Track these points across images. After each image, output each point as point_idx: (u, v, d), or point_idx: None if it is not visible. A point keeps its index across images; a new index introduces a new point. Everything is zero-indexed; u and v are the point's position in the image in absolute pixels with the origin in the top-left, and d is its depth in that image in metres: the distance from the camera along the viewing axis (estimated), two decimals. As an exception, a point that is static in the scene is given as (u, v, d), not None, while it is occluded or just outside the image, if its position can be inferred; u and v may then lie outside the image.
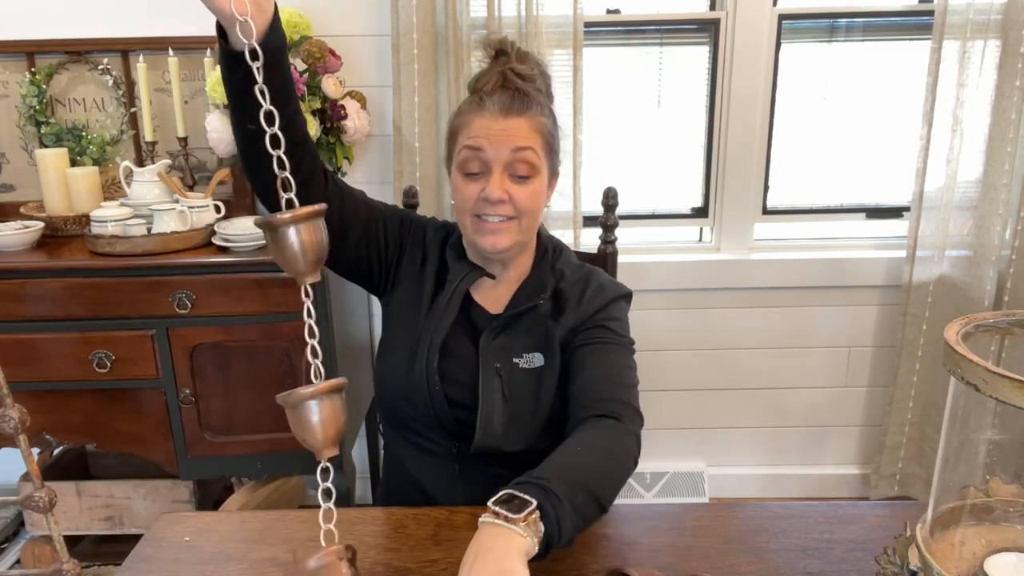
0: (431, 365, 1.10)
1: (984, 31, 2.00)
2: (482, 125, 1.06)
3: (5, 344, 1.75)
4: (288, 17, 1.91)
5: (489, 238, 1.08)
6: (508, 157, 1.06)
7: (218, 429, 1.86)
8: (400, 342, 1.14)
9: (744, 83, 2.17)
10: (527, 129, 1.07)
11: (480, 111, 1.07)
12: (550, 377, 1.11)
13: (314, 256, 0.69)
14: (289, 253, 0.67)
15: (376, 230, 1.14)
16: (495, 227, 1.07)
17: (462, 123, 1.09)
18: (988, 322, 0.68)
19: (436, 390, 1.10)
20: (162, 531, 1.02)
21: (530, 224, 1.11)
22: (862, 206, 2.35)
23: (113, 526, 1.98)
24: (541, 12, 2.00)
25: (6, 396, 0.58)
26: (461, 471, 1.14)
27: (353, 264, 1.14)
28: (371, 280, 1.18)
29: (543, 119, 1.10)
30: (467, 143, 1.07)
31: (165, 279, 1.75)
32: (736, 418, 2.44)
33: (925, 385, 2.26)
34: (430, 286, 1.15)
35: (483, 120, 1.07)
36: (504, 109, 1.06)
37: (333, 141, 1.97)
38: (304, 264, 0.68)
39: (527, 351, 1.11)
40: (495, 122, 1.06)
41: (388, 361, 1.16)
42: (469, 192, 1.08)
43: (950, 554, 0.68)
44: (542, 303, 1.13)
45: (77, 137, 2.09)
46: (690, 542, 0.97)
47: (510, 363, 1.10)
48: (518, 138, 1.06)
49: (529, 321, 1.13)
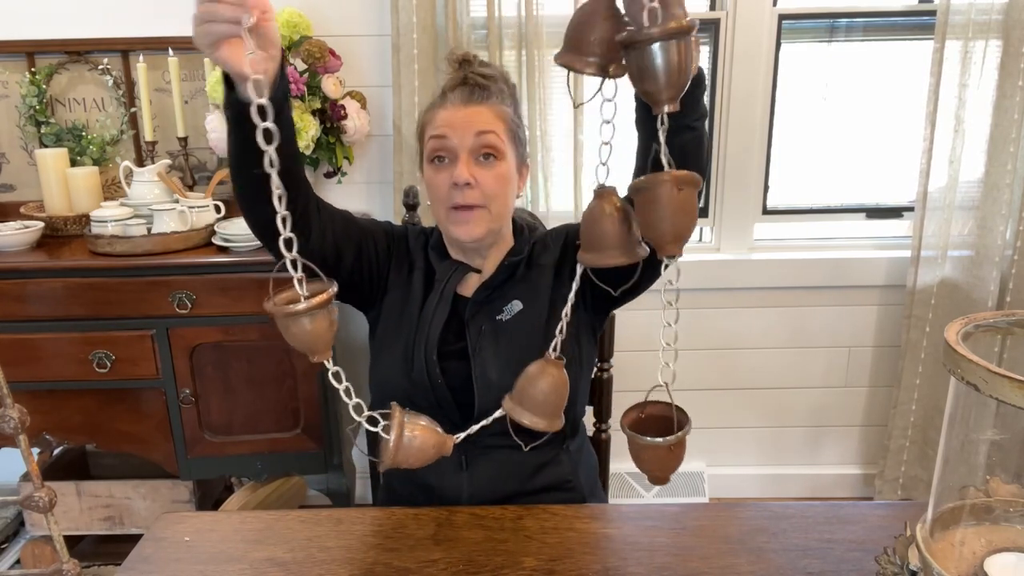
0: (431, 359, 1.12)
1: (985, 31, 2.00)
2: (445, 116, 1.11)
3: (5, 344, 1.75)
4: (288, 17, 1.91)
5: (463, 228, 1.10)
6: (472, 141, 1.09)
7: (218, 429, 1.86)
8: (394, 344, 1.16)
9: (744, 83, 2.17)
10: (489, 115, 1.11)
11: (443, 104, 1.12)
12: (532, 317, 1.14)
13: (327, 338, 0.71)
14: (301, 339, 0.71)
15: (367, 247, 1.16)
16: (467, 216, 1.10)
17: (427, 119, 1.14)
18: (988, 322, 0.68)
19: (439, 384, 1.11)
20: (162, 531, 1.02)
21: (500, 210, 1.13)
22: (862, 206, 2.35)
23: (113, 526, 1.98)
24: (541, 12, 2.00)
25: (6, 396, 0.58)
26: (468, 463, 1.14)
27: (348, 284, 1.15)
28: (362, 295, 1.19)
29: (504, 107, 1.13)
30: (432, 133, 1.11)
31: (165, 279, 1.75)
32: (736, 418, 2.44)
33: (928, 388, 2.26)
34: (419, 289, 1.18)
35: (446, 111, 1.11)
36: (465, 99, 1.11)
37: (333, 141, 1.97)
38: (321, 344, 0.71)
39: (506, 303, 1.15)
40: (457, 111, 1.10)
41: (384, 363, 1.17)
42: (440, 181, 1.10)
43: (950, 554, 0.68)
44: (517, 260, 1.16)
45: (77, 137, 2.09)
46: (690, 542, 0.97)
47: (492, 320, 1.14)
48: (480, 123, 1.09)
49: (509, 283, 1.16)
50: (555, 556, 0.94)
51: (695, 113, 0.93)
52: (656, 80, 0.66)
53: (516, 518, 1.01)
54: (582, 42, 0.73)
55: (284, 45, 1.92)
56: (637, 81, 0.67)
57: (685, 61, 0.66)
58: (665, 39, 0.64)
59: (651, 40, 0.64)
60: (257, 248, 1.79)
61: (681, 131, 0.92)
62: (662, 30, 0.64)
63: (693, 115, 0.93)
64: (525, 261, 1.18)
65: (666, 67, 0.65)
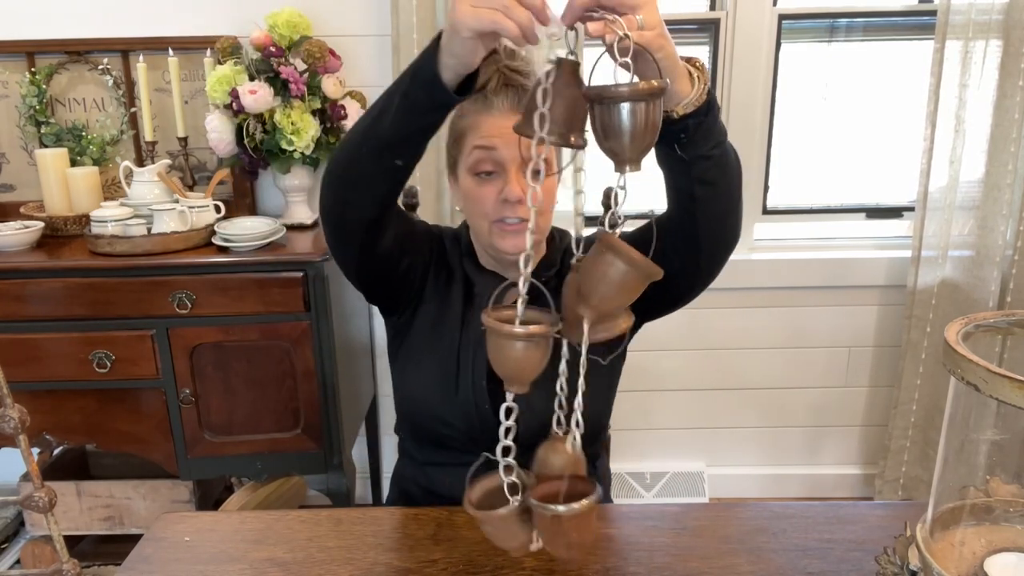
0: (479, 384, 1.07)
1: (986, 31, 2.00)
2: (493, 124, 1.03)
3: (5, 344, 1.75)
4: (288, 17, 1.91)
5: (510, 240, 1.05)
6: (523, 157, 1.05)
7: (218, 429, 1.86)
8: (429, 360, 1.11)
9: (744, 83, 2.17)
10: None
11: (488, 110, 1.04)
12: None
13: (533, 372, 0.67)
14: (507, 363, 0.66)
15: (418, 249, 1.11)
16: (516, 228, 1.04)
17: (469, 125, 1.06)
18: (988, 322, 0.68)
19: (485, 408, 1.07)
20: (162, 531, 1.02)
21: (546, 224, 1.10)
22: (862, 206, 2.35)
23: (113, 526, 1.98)
24: (541, 12, 2.00)
25: (6, 396, 0.58)
26: None
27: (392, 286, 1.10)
28: (398, 299, 1.13)
29: None
30: (478, 143, 1.04)
31: (165, 279, 1.75)
32: (736, 418, 2.44)
33: (929, 388, 2.25)
34: (458, 302, 1.12)
35: (493, 119, 1.04)
36: (513, 105, 1.04)
37: (333, 141, 1.97)
38: (525, 376, 0.67)
39: None
40: (505, 119, 1.02)
41: (416, 380, 1.12)
42: (485, 194, 1.04)
43: (950, 554, 0.68)
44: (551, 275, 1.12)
45: (77, 137, 2.09)
46: (690, 542, 0.97)
47: None
48: None
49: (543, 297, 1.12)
50: (555, 556, 0.94)
51: (708, 143, 0.88)
52: (620, 139, 0.64)
53: (516, 518, 1.01)
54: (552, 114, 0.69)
55: (284, 45, 1.92)
56: (601, 138, 0.66)
57: (653, 122, 0.64)
58: (634, 100, 0.63)
59: (620, 98, 0.63)
60: (257, 248, 1.79)
61: (697, 163, 0.89)
62: (632, 89, 0.63)
63: (706, 145, 0.88)
64: (557, 273, 1.13)
65: (632, 128, 0.63)
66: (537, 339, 0.68)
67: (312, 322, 1.77)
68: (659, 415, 2.40)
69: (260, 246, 1.79)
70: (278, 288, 1.75)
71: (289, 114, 1.87)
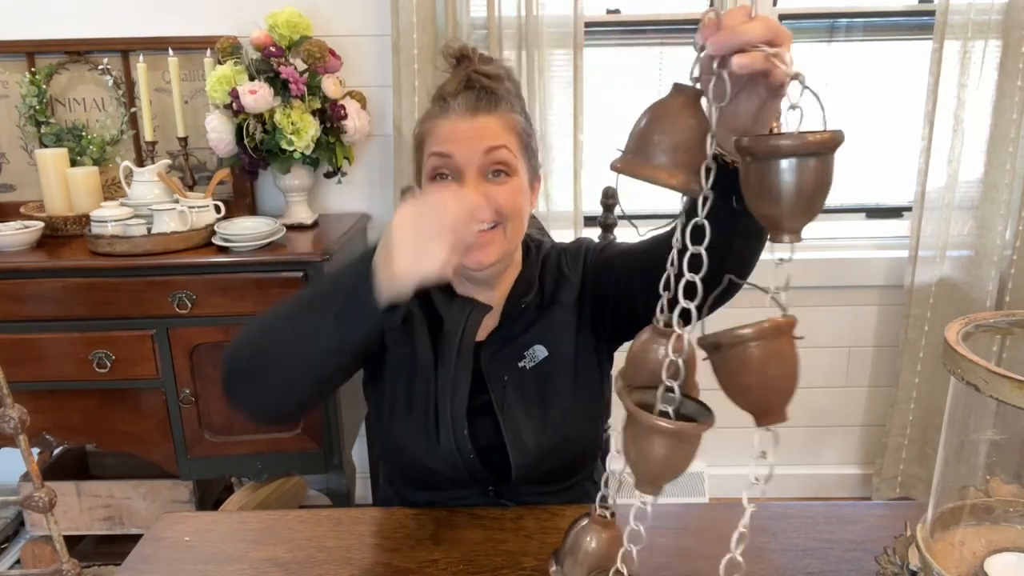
0: (460, 434, 1.01)
1: (985, 31, 2.00)
2: (449, 128, 0.96)
3: (5, 344, 1.75)
4: (288, 17, 1.91)
5: (473, 254, 0.95)
6: (481, 160, 0.96)
7: (218, 429, 1.86)
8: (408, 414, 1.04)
9: (744, 83, 2.17)
10: (498, 127, 0.97)
11: (445, 114, 0.97)
12: (559, 366, 1.03)
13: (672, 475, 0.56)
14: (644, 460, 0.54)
15: None
16: (479, 240, 0.95)
17: (427, 130, 0.99)
18: (988, 322, 0.68)
19: (471, 458, 1.02)
20: (162, 531, 1.02)
21: (515, 230, 1.00)
22: (861, 206, 2.35)
23: (113, 526, 1.98)
24: (541, 12, 2.00)
25: (6, 396, 0.58)
26: None
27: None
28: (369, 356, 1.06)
29: (515, 116, 1.00)
30: (434, 150, 0.97)
31: (165, 279, 1.75)
32: (736, 418, 2.42)
33: (927, 386, 2.26)
34: (425, 338, 1.04)
35: (449, 123, 0.97)
36: (471, 108, 0.96)
37: (333, 141, 1.97)
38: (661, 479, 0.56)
39: (527, 347, 1.04)
40: (462, 122, 0.96)
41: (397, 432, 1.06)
42: None
43: (950, 554, 0.68)
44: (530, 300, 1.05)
45: (77, 137, 2.09)
46: (690, 542, 0.97)
47: (515, 369, 1.03)
48: (489, 137, 0.96)
49: (525, 319, 1.05)
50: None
51: None
52: (778, 204, 0.51)
53: (516, 518, 1.01)
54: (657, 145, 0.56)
55: (284, 45, 1.92)
56: (753, 200, 0.53)
57: (826, 182, 0.51)
58: (802, 155, 0.50)
59: (781, 153, 0.50)
60: (257, 248, 1.79)
61: (751, 235, 0.79)
62: (801, 142, 0.50)
63: None
64: (540, 295, 1.05)
65: (799, 189, 0.50)
66: (692, 438, 0.58)
67: (312, 322, 1.76)
68: (659, 415, 2.40)
69: (260, 246, 1.79)
70: (278, 288, 1.75)
71: (289, 114, 1.87)
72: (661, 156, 0.56)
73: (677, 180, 0.56)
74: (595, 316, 1.06)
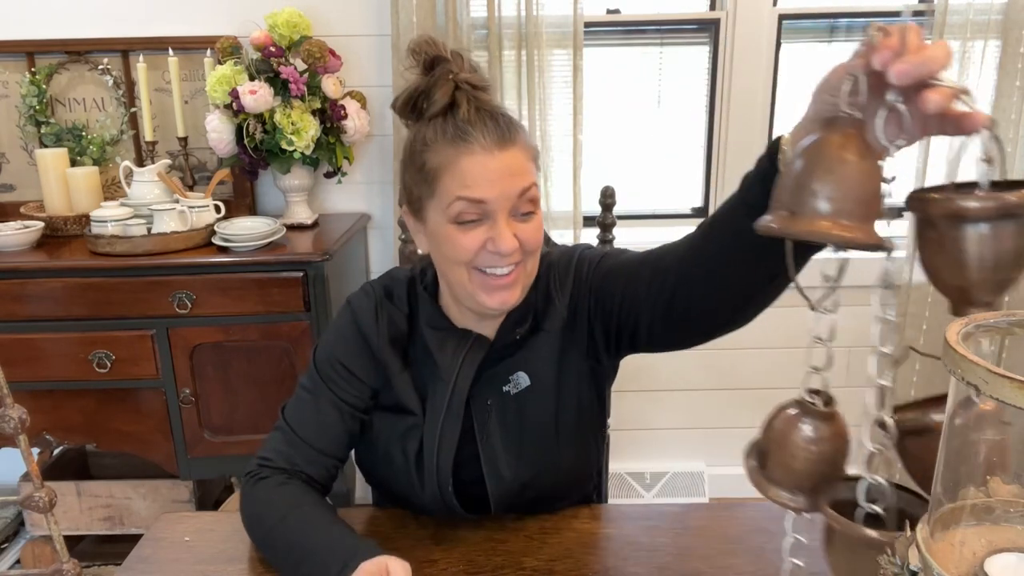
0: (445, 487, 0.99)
1: (984, 31, 2.00)
2: (477, 167, 0.87)
3: (5, 344, 1.75)
4: (288, 17, 1.91)
5: (498, 295, 0.91)
6: (514, 202, 0.89)
7: (218, 429, 1.86)
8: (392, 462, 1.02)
9: (744, 83, 2.17)
10: (523, 160, 0.91)
11: (467, 146, 0.87)
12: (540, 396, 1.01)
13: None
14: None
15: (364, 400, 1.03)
16: (503, 282, 0.91)
17: (443, 164, 0.89)
18: (988, 322, 0.68)
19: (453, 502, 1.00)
20: (162, 531, 1.02)
21: (535, 262, 0.96)
22: (862, 206, 2.34)
23: (113, 526, 1.98)
24: (541, 12, 2.00)
25: (6, 396, 0.58)
26: None
27: None
28: None
29: (529, 141, 0.94)
30: (463, 194, 0.87)
31: (165, 279, 1.75)
32: (736, 418, 2.44)
33: (926, 387, 2.26)
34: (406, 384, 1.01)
35: (475, 160, 0.87)
36: (498, 140, 0.88)
37: (333, 141, 1.97)
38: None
39: (511, 372, 1.01)
40: (490, 160, 0.87)
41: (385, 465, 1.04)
42: (468, 243, 0.89)
43: (950, 554, 0.68)
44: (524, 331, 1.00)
45: (77, 137, 2.08)
46: (690, 542, 0.97)
47: (499, 393, 1.00)
48: (520, 177, 0.89)
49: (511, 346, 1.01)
50: (555, 556, 0.94)
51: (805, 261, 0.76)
52: (968, 273, 0.43)
53: (516, 518, 1.01)
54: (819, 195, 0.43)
55: (284, 45, 1.92)
56: (938, 269, 0.43)
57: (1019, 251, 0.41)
58: (1001, 218, 0.41)
59: (978, 216, 0.42)
60: (257, 248, 1.79)
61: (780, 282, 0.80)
62: (1002, 204, 0.41)
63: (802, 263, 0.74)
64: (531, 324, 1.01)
65: (995, 257, 0.42)
66: None
67: (312, 322, 1.77)
68: (659, 415, 2.40)
69: (260, 246, 1.79)
70: (278, 288, 1.75)
71: (289, 114, 1.87)
72: (825, 205, 0.45)
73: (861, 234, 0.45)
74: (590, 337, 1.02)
